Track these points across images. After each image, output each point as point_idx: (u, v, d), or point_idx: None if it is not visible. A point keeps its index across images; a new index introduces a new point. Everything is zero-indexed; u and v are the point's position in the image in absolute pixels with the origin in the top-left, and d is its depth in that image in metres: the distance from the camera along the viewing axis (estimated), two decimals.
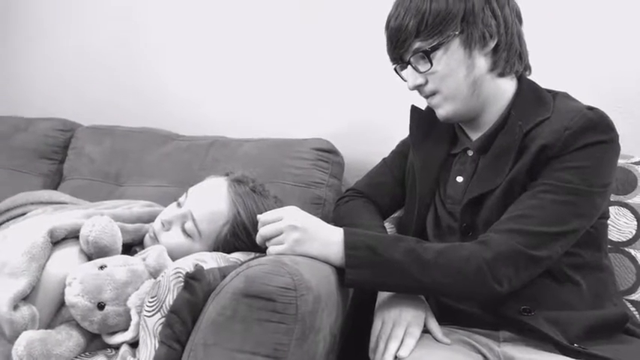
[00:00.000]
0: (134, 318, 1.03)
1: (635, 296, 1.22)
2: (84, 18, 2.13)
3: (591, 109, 1.05)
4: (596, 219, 1.06)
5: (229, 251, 1.20)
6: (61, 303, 1.06)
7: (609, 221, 1.15)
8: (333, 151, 1.60)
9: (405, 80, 1.15)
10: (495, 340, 1.05)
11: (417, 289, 1.04)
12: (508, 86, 1.14)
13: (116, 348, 1.05)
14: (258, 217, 1.10)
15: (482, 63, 1.10)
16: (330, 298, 0.99)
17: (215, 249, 1.21)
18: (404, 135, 1.34)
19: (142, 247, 1.23)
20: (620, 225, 1.26)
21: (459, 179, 1.16)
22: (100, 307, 1.03)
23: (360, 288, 1.16)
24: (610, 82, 1.50)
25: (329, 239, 1.03)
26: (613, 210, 1.25)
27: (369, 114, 1.73)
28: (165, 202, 1.35)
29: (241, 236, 1.22)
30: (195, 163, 1.66)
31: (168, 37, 2.01)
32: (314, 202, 1.51)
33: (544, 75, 1.20)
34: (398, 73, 1.18)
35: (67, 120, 1.94)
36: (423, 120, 1.26)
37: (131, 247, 1.24)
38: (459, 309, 1.10)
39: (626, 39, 1.49)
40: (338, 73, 1.77)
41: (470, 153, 1.17)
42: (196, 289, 0.94)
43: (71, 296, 1.02)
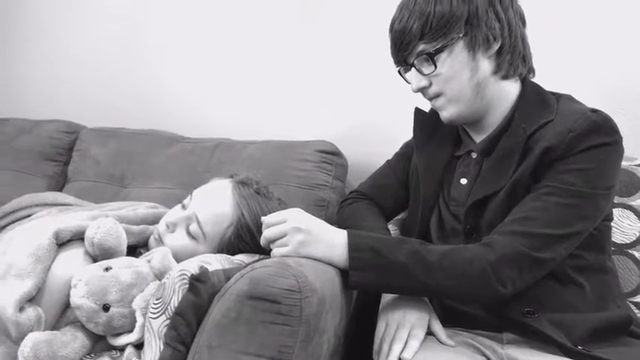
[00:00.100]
0: (139, 320, 1.03)
1: (639, 298, 1.22)
2: (87, 19, 2.13)
3: (595, 111, 1.05)
4: (600, 221, 1.06)
5: (233, 253, 1.20)
6: (67, 304, 1.07)
7: (613, 223, 1.15)
8: (336, 153, 1.60)
9: (409, 82, 1.15)
10: (499, 342, 1.05)
11: (421, 291, 1.04)
12: (512, 89, 1.14)
13: (121, 349, 1.05)
14: (262, 219, 1.10)
15: (485, 65, 1.10)
16: (335, 300, 0.99)
17: (219, 251, 1.21)
18: (407, 137, 1.34)
19: (147, 249, 1.23)
20: (624, 227, 1.26)
21: (462, 181, 1.16)
22: (105, 308, 1.03)
23: (364, 290, 1.17)
24: (613, 85, 1.50)
25: (333, 241, 1.03)
26: (616, 212, 1.25)
27: (372, 116, 1.73)
28: (170, 204, 1.35)
29: (245, 238, 1.22)
30: (200, 165, 1.66)
31: (171, 39, 2.01)
32: (317, 204, 1.51)
33: (548, 77, 1.20)
34: (402, 75, 1.18)
35: (72, 122, 1.94)
36: (426, 122, 1.26)
37: (136, 248, 1.25)
38: (462, 311, 1.10)
39: (629, 41, 1.49)
40: (341, 75, 1.77)
41: (474, 155, 1.17)
42: (201, 291, 0.94)
43: (76, 298, 1.02)
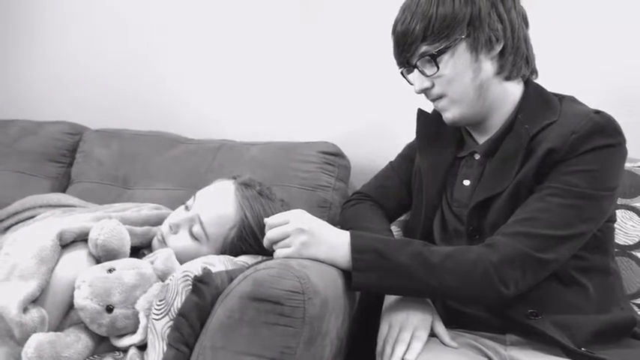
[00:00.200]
0: (142, 321, 1.03)
1: None
2: (91, 21, 2.14)
3: (598, 112, 1.05)
4: (603, 222, 1.06)
5: (236, 254, 1.20)
6: (70, 306, 1.07)
7: (616, 225, 1.15)
8: (339, 155, 1.59)
9: (412, 84, 1.15)
10: (502, 344, 1.05)
11: (424, 292, 1.04)
12: (515, 90, 1.14)
13: (124, 351, 1.06)
14: (265, 220, 1.10)
15: (488, 67, 1.10)
16: (338, 301, 0.99)
17: (222, 252, 1.21)
18: (410, 138, 1.34)
19: (150, 250, 1.24)
20: (627, 228, 1.26)
21: (465, 183, 1.16)
22: (109, 309, 1.03)
23: (367, 291, 1.17)
24: (617, 86, 1.50)
25: (336, 242, 1.03)
26: (620, 213, 1.24)
27: (375, 117, 1.73)
28: (173, 205, 1.36)
29: (248, 239, 1.23)
30: (203, 166, 1.66)
31: (174, 41, 2.01)
32: (320, 205, 1.51)
33: (551, 79, 1.20)
34: (404, 76, 1.18)
35: (76, 123, 1.94)
36: (429, 123, 1.25)
37: (139, 250, 1.25)
38: (465, 312, 1.10)
39: (633, 42, 1.49)
40: (344, 76, 1.77)
41: (477, 156, 1.16)
42: (204, 292, 0.95)
43: (80, 299, 1.03)
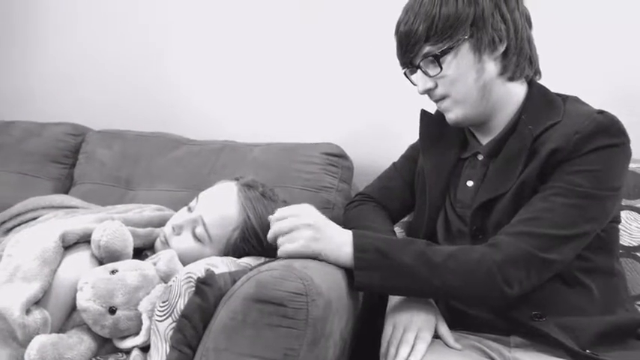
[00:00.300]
0: (145, 322, 1.03)
1: None
2: (93, 22, 2.14)
3: (601, 112, 1.04)
4: (607, 223, 1.05)
5: (239, 256, 1.20)
6: (73, 307, 1.07)
7: (620, 226, 1.14)
8: (342, 156, 1.59)
9: (415, 84, 1.15)
10: (506, 346, 1.05)
11: (427, 292, 1.04)
12: (518, 90, 1.13)
13: (127, 352, 1.05)
14: (276, 211, 1.09)
15: (491, 67, 1.09)
16: (341, 302, 0.99)
17: (225, 253, 1.21)
18: (413, 139, 1.34)
19: (153, 252, 1.24)
20: (632, 230, 1.25)
21: (469, 183, 1.16)
22: (112, 311, 1.03)
23: (370, 291, 1.16)
24: (619, 86, 1.49)
25: (340, 240, 1.03)
26: (624, 214, 1.24)
27: (378, 118, 1.73)
28: (176, 206, 1.35)
29: (251, 241, 1.22)
30: (206, 167, 1.66)
31: (176, 42, 2.01)
32: (323, 206, 1.50)
33: (555, 79, 1.20)
34: (408, 77, 1.17)
35: (78, 124, 1.94)
36: (432, 124, 1.25)
37: (142, 251, 1.25)
38: (469, 314, 1.10)
39: (636, 42, 1.49)
40: (347, 76, 1.77)
41: (480, 157, 1.16)
42: (208, 294, 0.94)
43: (83, 301, 1.02)
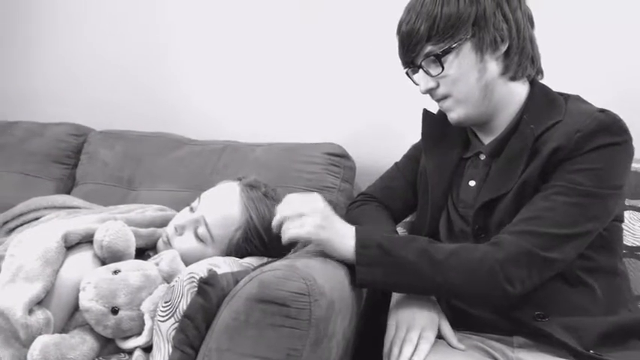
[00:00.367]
0: (147, 323, 1.03)
1: None
2: (94, 22, 2.14)
3: (603, 111, 1.04)
4: (610, 222, 1.05)
5: (242, 256, 1.20)
6: (75, 307, 1.07)
7: (623, 225, 1.14)
8: (344, 156, 1.59)
9: (417, 84, 1.15)
10: (509, 346, 1.05)
11: (429, 289, 1.04)
12: (520, 90, 1.13)
13: (129, 352, 1.05)
14: (282, 200, 1.09)
15: (493, 67, 1.09)
16: (344, 302, 0.99)
17: (228, 254, 1.21)
18: (416, 139, 1.34)
19: (155, 252, 1.24)
20: (635, 230, 1.25)
21: (471, 183, 1.16)
22: (114, 311, 1.03)
23: (372, 287, 1.16)
24: (621, 85, 1.49)
25: (344, 233, 1.03)
26: (627, 214, 1.24)
27: (380, 118, 1.73)
28: (178, 206, 1.35)
29: (254, 241, 1.22)
30: (208, 167, 1.66)
31: (177, 42, 2.01)
32: None
33: (556, 78, 1.20)
34: (410, 76, 1.17)
35: (80, 125, 1.95)
36: (435, 124, 1.25)
37: (144, 251, 1.25)
38: (472, 314, 1.09)
39: (638, 43, 1.48)
40: (349, 76, 1.77)
41: (482, 157, 1.16)
42: (210, 294, 0.94)
43: (85, 301, 1.03)
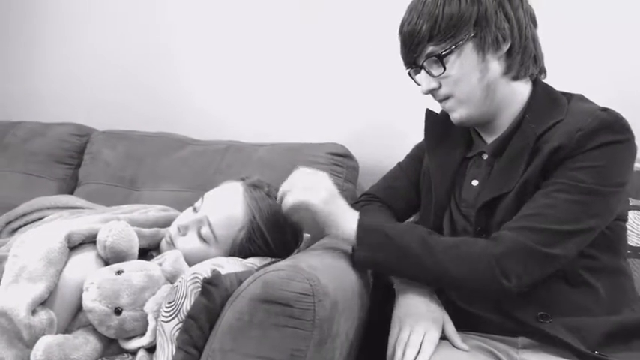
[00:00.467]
0: (151, 323, 1.03)
1: None
2: (97, 23, 2.14)
3: (605, 109, 1.04)
4: (612, 221, 1.05)
5: (245, 256, 1.20)
6: (79, 308, 1.07)
7: (627, 225, 1.13)
8: (347, 156, 1.59)
9: (419, 84, 1.15)
10: (514, 347, 1.04)
11: (426, 276, 1.05)
12: (522, 89, 1.13)
13: (133, 353, 1.05)
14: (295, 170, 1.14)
15: (495, 66, 1.09)
16: (348, 303, 0.99)
17: (231, 254, 1.21)
18: (419, 139, 1.34)
19: (159, 252, 1.23)
20: (638, 230, 1.25)
21: (474, 183, 1.16)
22: (117, 312, 1.03)
23: (369, 269, 1.18)
24: (624, 84, 1.49)
25: (348, 215, 1.08)
26: (631, 214, 1.23)
27: (383, 118, 1.73)
28: (181, 206, 1.35)
29: (257, 241, 1.22)
30: (211, 167, 1.66)
31: (180, 43, 2.02)
32: None
33: (559, 77, 1.19)
34: (412, 77, 1.17)
35: (83, 125, 1.95)
36: (437, 124, 1.25)
37: (147, 251, 1.24)
38: (476, 314, 1.09)
39: None
40: (352, 76, 1.77)
41: (485, 157, 1.16)
42: (214, 294, 0.94)
43: (88, 301, 1.03)
